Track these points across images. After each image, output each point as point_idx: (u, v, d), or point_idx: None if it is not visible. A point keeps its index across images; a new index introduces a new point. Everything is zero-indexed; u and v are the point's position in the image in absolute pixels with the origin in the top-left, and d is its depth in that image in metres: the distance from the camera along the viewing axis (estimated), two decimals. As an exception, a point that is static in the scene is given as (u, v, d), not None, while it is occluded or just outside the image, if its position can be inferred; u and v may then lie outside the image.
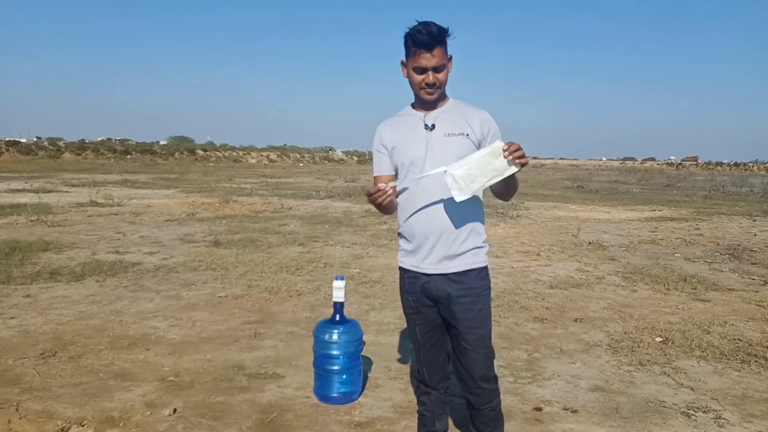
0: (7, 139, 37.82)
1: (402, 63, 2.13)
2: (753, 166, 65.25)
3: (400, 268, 2.27)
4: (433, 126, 2.11)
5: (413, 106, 2.20)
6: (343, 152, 66.54)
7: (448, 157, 2.03)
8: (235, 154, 50.51)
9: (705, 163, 74.22)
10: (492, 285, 2.30)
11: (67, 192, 14.93)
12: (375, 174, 2.24)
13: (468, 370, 2.19)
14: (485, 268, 2.21)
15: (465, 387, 2.25)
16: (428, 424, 2.39)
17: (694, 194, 20.42)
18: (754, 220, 12.27)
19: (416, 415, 2.50)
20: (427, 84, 2.06)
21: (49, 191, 14.84)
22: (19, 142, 38.59)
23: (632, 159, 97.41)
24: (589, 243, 8.58)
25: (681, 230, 10.37)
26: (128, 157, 40.04)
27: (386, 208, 2.11)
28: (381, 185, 2.01)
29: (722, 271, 6.80)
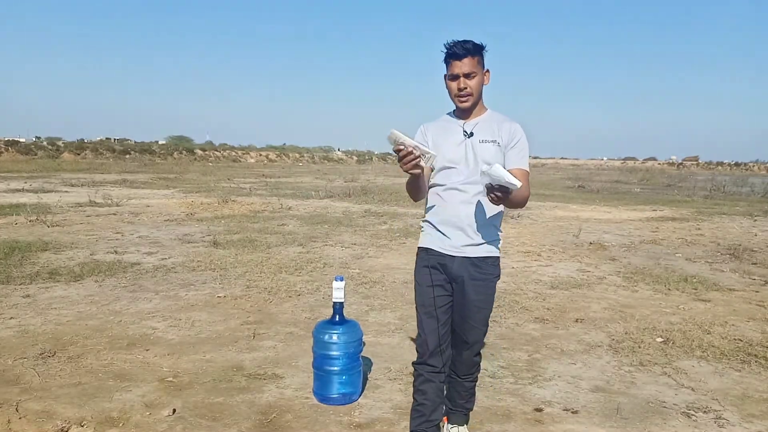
0: (6, 138, 37.80)
1: (444, 77, 2.37)
2: (754, 166, 65.31)
3: (423, 249, 2.45)
4: (472, 134, 2.35)
5: (453, 113, 2.43)
6: (342, 152, 66.56)
7: (481, 161, 2.29)
8: (234, 153, 50.52)
9: (706, 162, 74.28)
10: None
11: (66, 192, 14.93)
12: None
13: (467, 342, 2.48)
14: (499, 258, 2.46)
15: (458, 356, 2.52)
16: (426, 413, 2.40)
17: (695, 194, 20.44)
18: (755, 220, 12.27)
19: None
20: (459, 89, 2.29)
21: (48, 191, 14.83)
22: (18, 141, 38.55)
23: (633, 159, 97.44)
24: (590, 243, 8.57)
25: (682, 230, 10.37)
26: (127, 156, 40.01)
27: (418, 191, 2.35)
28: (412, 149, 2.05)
29: (723, 271, 6.79)
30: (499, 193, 2.04)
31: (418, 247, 2.50)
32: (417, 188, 2.34)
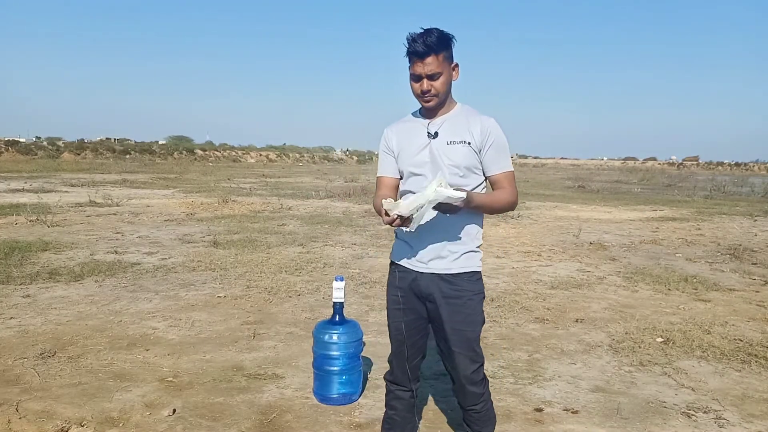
0: (6, 138, 37.80)
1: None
2: (754, 166, 65.32)
3: (392, 263, 2.31)
4: (436, 134, 2.12)
5: (419, 111, 2.21)
6: (342, 152, 66.58)
7: (450, 165, 2.08)
8: (234, 153, 50.49)
9: (706, 162, 74.29)
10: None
11: (66, 192, 14.92)
12: (379, 174, 2.28)
13: (454, 369, 2.21)
14: (478, 273, 2.20)
15: (453, 384, 2.28)
16: (395, 427, 2.38)
17: (695, 194, 20.42)
18: (755, 220, 12.27)
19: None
20: (422, 92, 2.07)
21: (49, 191, 14.83)
22: (18, 141, 38.56)
23: (633, 159, 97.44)
24: (591, 243, 8.58)
25: (682, 230, 10.36)
26: (127, 156, 39.99)
27: None
28: (392, 216, 1.93)
29: (723, 271, 6.79)
30: (446, 210, 1.92)
31: (390, 260, 2.34)
32: None
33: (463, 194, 1.87)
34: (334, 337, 3.02)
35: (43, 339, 3.91)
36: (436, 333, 2.24)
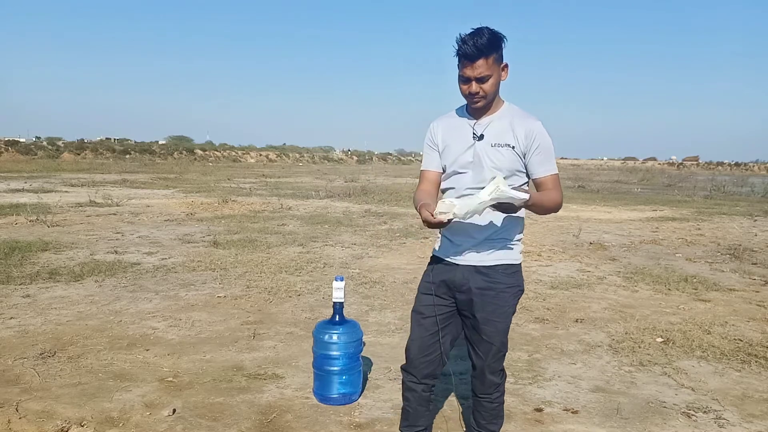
0: (6, 138, 37.76)
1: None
2: (754, 166, 65.34)
3: (433, 257, 2.33)
4: (482, 136, 2.14)
5: (466, 109, 2.22)
6: (342, 152, 66.59)
7: (492, 167, 2.10)
8: (234, 153, 50.43)
9: (706, 162, 74.33)
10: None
11: (66, 192, 14.91)
12: (423, 168, 2.31)
13: (479, 357, 2.25)
14: (515, 265, 2.22)
15: (473, 371, 2.31)
16: (410, 419, 2.39)
17: (695, 194, 20.42)
18: (755, 220, 12.27)
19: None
20: (470, 93, 2.08)
21: (49, 191, 14.82)
22: (18, 141, 38.49)
23: (633, 159, 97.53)
24: (590, 243, 8.58)
25: (682, 230, 10.37)
26: (127, 156, 39.94)
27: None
28: (436, 217, 1.94)
29: (723, 271, 6.79)
30: (506, 209, 1.95)
31: (432, 254, 2.36)
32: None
33: (527, 196, 1.88)
34: (334, 337, 3.02)
35: (43, 339, 3.91)
36: (465, 321, 2.26)
